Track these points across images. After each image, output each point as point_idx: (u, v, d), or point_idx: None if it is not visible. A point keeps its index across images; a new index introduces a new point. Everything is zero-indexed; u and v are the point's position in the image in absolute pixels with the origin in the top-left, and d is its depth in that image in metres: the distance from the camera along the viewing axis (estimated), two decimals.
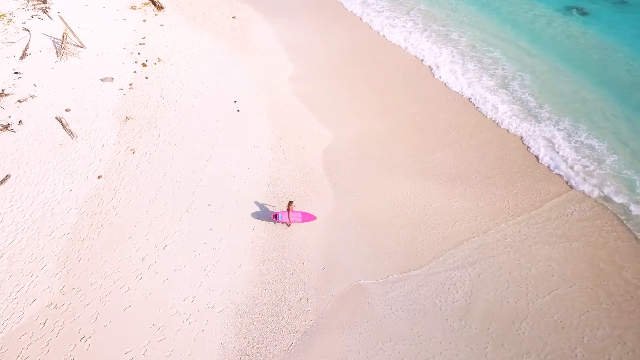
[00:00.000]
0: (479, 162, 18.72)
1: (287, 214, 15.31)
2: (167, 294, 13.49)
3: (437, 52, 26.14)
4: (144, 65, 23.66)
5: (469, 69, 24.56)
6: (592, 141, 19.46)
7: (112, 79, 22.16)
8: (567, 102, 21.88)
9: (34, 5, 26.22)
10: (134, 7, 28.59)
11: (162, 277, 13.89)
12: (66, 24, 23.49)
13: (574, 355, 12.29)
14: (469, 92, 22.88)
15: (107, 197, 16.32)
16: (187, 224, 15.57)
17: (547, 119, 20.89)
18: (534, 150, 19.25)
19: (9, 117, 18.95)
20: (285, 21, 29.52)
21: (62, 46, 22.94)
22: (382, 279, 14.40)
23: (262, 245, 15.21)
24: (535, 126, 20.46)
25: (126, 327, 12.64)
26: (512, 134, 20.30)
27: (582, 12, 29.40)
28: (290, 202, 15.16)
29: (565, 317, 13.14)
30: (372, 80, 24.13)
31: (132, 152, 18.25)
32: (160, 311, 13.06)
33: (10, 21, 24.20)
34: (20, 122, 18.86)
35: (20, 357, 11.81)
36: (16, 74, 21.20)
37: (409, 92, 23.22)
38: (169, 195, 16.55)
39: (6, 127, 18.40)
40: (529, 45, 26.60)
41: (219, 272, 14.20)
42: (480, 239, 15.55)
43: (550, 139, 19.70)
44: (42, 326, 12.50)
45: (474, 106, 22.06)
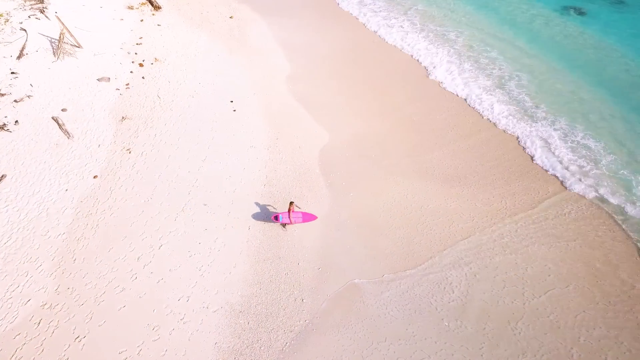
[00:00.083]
0: (475, 162, 18.70)
1: (287, 214, 15.27)
2: (162, 293, 13.48)
3: (434, 52, 26.12)
4: (141, 65, 23.65)
5: (465, 69, 24.56)
6: (589, 141, 19.46)
7: (109, 78, 22.14)
8: (564, 102, 21.87)
9: (31, 5, 26.19)
10: (131, 7, 28.58)
11: (157, 277, 13.89)
12: (63, 23, 23.48)
13: (570, 355, 12.28)
14: (466, 92, 22.86)
15: (103, 197, 16.31)
16: (183, 223, 15.57)
17: (543, 118, 20.90)
18: (530, 150, 19.24)
19: (5, 117, 18.93)
20: (282, 21, 29.50)
21: (59, 46, 22.92)
22: (377, 278, 14.40)
23: (257, 245, 15.21)
24: (531, 126, 20.45)
25: (121, 327, 12.63)
26: (509, 134, 20.29)
27: (580, 12, 29.42)
28: (291, 203, 15.14)
29: (561, 317, 13.12)
30: (369, 80, 24.11)
31: (128, 152, 18.23)
32: (155, 311, 13.06)
33: (7, 21, 24.17)
34: (16, 122, 18.85)
35: (14, 357, 11.80)
36: (13, 73, 21.18)
37: (406, 92, 23.20)
38: (165, 195, 16.55)
39: (2, 127, 18.37)
40: (527, 45, 26.60)
41: (214, 272, 14.20)
42: (476, 238, 15.54)
43: (546, 139, 19.69)
44: (36, 326, 12.50)
45: (471, 106, 22.03)
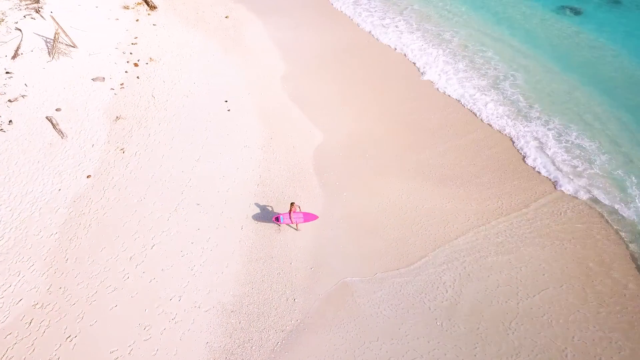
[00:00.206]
0: (470, 162, 18.69)
1: (289, 215, 15.20)
2: (153, 293, 13.50)
3: (429, 52, 26.04)
4: (136, 65, 23.64)
5: (460, 69, 24.51)
6: (583, 141, 19.42)
7: (104, 78, 22.14)
8: (559, 102, 21.84)
9: (26, 5, 26.18)
10: (126, 7, 28.56)
11: (149, 277, 13.91)
12: (58, 23, 23.46)
13: (564, 355, 12.26)
14: (460, 92, 22.81)
15: (96, 196, 16.32)
16: (175, 223, 15.57)
17: (537, 118, 20.86)
18: (524, 150, 19.21)
19: None
20: (278, 21, 29.48)
21: (54, 46, 22.91)
22: (369, 276, 14.40)
23: (250, 244, 15.22)
24: (525, 126, 20.42)
25: (112, 326, 12.65)
26: (502, 133, 20.26)
27: (576, 12, 29.40)
28: (292, 204, 15.07)
29: (555, 317, 13.10)
30: (364, 80, 24.09)
31: (122, 151, 18.24)
32: (146, 311, 13.07)
33: (2, 21, 24.16)
34: (10, 121, 18.85)
35: (5, 356, 11.81)
36: (7, 73, 21.17)
37: (401, 92, 23.19)
38: (158, 194, 16.55)
39: None
40: (522, 44, 26.54)
41: (206, 272, 14.21)
42: (470, 238, 15.52)
43: (540, 139, 19.67)
44: (27, 325, 12.51)
45: (465, 106, 21.99)
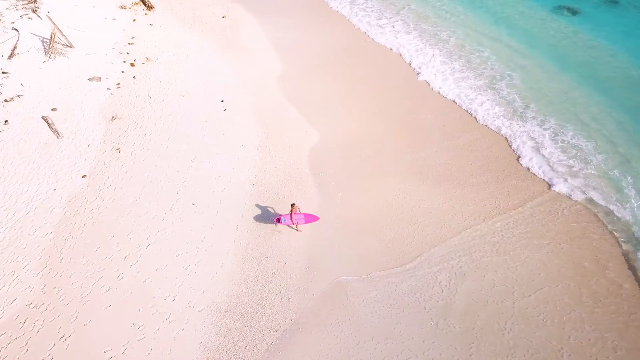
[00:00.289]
0: (466, 162, 18.69)
1: (290, 216, 15.16)
2: (148, 293, 13.50)
3: (426, 52, 26.04)
4: (132, 64, 23.63)
5: (456, 69, 24.49)
6: (579, 141, 19.42)
7: (100, 78, 22.13)
8: (555, 102, 21.83)
9: (23, 4, 26.17)
10: (123, 7, 28.54)
11: (143, 277, 13.90)
12: (54, 23, 23.45)
13: (560, 355, 12.27)
14: (456, 92, 22.79)
15: (91, 196, 16.32)
16: (170, 223, 15.57)
17: (533, 118, 20.86)
18: (519, 150, 19.21)
19: None
20: (276, 20, 29.46)
21: (51, 46, 22.90)
22: (364, 275, 14.41)
23: (245, 244, 15.22)
24: (521, 126, 20.41)
25: (106, 326, 12.65)
26: (498, 133, 20.26)
27: (573, 12, 29.41)
28: (292, 205, 15.00)
29: (550, 317, 13.11)
30: (361, 80, 24.08)
31: (118, 151, 18.24)
32: (140, 310, 13.08)
33: None
34: (6, 121, 18.84)
35: None
36: (3, 73, 21.16)
37: (397, 92, 23.19)
38: (153, 194, 16.55)
39: None
40: (519, 44, 26.54)
41: (201, 272, 14.22)
42: (466, 237, 15.52)
43: (536, 138, 19.67)
44: (21, 325, 12.51)
45: (461, 106, 21.97)
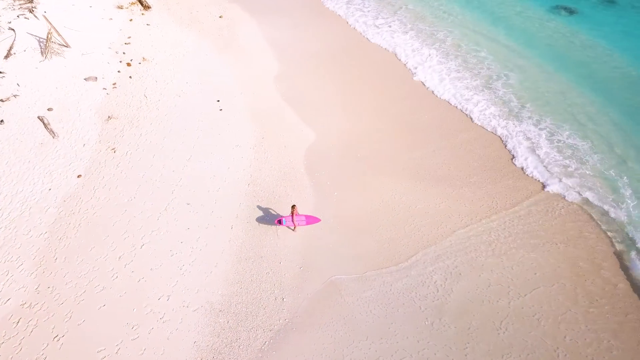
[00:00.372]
0: (462, 162, 18.69)
1: (291, 218, 15.15)
2: (142, 292, 13.49)
3: (422, 52, 26.06)
4: (129, 64, 23.62)
5: (452, 69, 24.50)
6: (575, 141, 19.41)
7: (96, 78, 22.12)
8: (552, 102, 21.83)
9: (20, 4, 26.17)
10: (120, 7, 28.54)
11: (137, 276, 13.90)
12: (50, 23, 23.43)
13: (556, 355, 12.26)
14: (452, 92, 22.79)
15: (86, 196, 16.31)
16: (165, 223, 15.56)
17: (529, 118, 20.85)
18: (515, 150, 19.21)
19: None
20: (273, 20, 29.45)
21: (47, 46, 22.89)
22: (358, 274, 14.40)
23: (239, 244, 15.22)
24: (517, 126, 20.42)
25: (100, 326, 12.64)
26: (494, 133, 20.26)
27: (570, 12, 29.44)
28: (293, 207, 14.98)
29: (546, 316, 13.11)
30: (357, 80, 24.08)
31: (113, 151, 18.22)
32: (134, 310, 13.07)
33: None
34: (1, 121, 18.83)
35: None
36: (0, 73, 21.15)
37: (393, 92, 23.19)
38: (148, 194, 16.54)
39: None
40: (516, 44, 26.56)
41: (195, 271, 14.21)
42: (461, 237, 15.52)
43: (531, 138, 19.68)
44: (15, 325, 12.50)
45: (457, 106, 21.97)
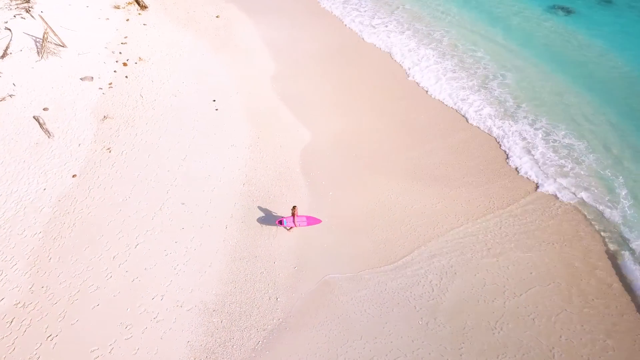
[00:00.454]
0: (458, 162, 18.72)
1: (292, 219, 15.17)
2: (136, 292, 13.50)
3: (418, 52, 26.06)
4: (125, 64, 23.60)
5: (448, 69, 24.52)
6: (571, 141, 19.47)
7: (92, 78, 22.10)
8: (548, 102, 21.88)
9: (17, 4, 26.12)
10: (117, 7, 28.51)
11: (132, 276, 13.90)
12: (47, 23, 23.41)
13: (552, 355, 12.31)
14: (448, 92, 22.81)
15: (81, 196, 16.30)
16: (160, 222, 15.57)
17: (525, 118, 20.91)
18: (510, 150, 19.23)
19: None
20: (269, 20, 29.44)
21: (43, 45, 22.86)
22: (353, 273, 14.42)
23: (234, 244, 15.22)
24: (512, 126, 20.46)
25: (93, 325, 12.65)
26: (490, 133, 20.28)
27: (567, 12, 29.47)
28: (294, 207, 15.02)
29: (541, 316, 13.15)
30: (353, 80, 24.09)
31: (109, 151, 18.22)
32: (128, 310, 13.08)
33: None
34: None
35: None
36: None
37: (389, 92, 23.20)
38: (143, 194, 16.54)
39: None
40: (513, 44, 26.60)
41: (190, 271, 14.22)
42: (457, 236, 15.56)
43: (527, 138, 19.73)
44: (8, 324, 12.51)
45: (453, 106, 21.99)
